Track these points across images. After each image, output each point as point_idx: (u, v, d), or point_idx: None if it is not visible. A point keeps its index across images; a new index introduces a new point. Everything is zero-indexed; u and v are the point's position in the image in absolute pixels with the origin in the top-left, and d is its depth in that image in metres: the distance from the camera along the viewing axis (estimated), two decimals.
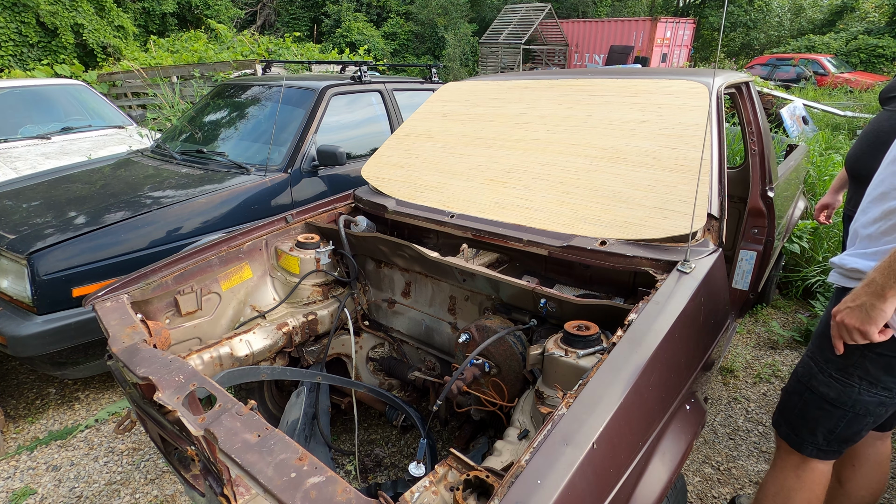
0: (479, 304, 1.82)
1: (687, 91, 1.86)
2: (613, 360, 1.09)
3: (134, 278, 1.67)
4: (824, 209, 2.43)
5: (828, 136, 6.30)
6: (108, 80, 7.91)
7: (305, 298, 2.02)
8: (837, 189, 2.38)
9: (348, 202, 2.31)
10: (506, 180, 1.91)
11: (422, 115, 2.50)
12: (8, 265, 2.24)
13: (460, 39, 17.51)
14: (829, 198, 2.42)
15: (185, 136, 3.45)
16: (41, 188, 2.83)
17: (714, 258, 1.49)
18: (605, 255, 1.52)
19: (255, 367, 1.74)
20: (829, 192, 2.41)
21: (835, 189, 2.39)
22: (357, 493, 0.86)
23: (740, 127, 2.47)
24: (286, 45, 11.61)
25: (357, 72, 3.49)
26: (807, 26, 20.30)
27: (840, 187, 2.36)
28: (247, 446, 0.96)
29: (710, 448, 2.32)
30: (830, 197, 2.41)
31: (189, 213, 2.54)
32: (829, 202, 2.42)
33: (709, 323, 1.44)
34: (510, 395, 1.54)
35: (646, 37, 15.95)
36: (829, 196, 2.41)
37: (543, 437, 0.91)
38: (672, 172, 1.61)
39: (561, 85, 2.22)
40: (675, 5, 21.12)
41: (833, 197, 2.40)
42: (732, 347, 3.09)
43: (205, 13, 14.83)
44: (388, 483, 1.89)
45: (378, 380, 2.22)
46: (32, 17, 10.31)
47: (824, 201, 2.43)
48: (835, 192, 2.39)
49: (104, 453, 2.31)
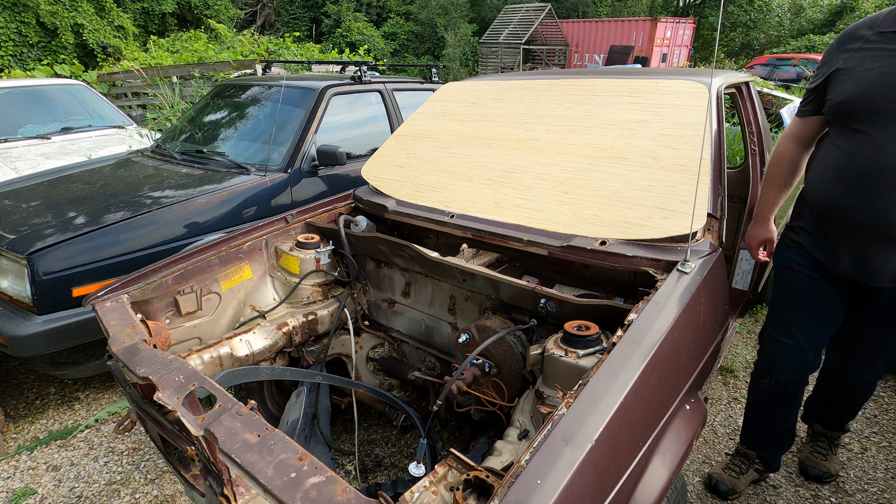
0: (479, 304, 1.82)
1: (687, 91, 1.86)
2: (613, 360, 1.10)
3: (134, 278, 1.67)
4: (762, 244, 1.87)
5: None
6: (108, 80, 7.91)
7: (305, 298, 2.02)
8: (768, 216, 1.82)
9: (348, 202, 2.31)
10: (506, 180, 1.91)
11: (422, 115, 2.50)
12: (8, 265, 2.24)
13: (460, 39, 17.51)
14: (762, 230, 1.84)
15: (185, 136, 3.45)
16: (41, 188, 2.83)
17: (714, 258, 1.49)
18: (605, 255, 1.52)
19: (255, 367, 1.74)
20: (760, 222, 1.84)
21: (765, 218, 1.83)
22: (357, 493, 0.86)
23: (740, 127, 2.47)
24: (286, 45, 11.61)
25: (357, 72, 3.49)
26: (807, 26, 20.29)
27: (770, 212, 1.82)
28: (247, 446, 0.96)
29: (710, 448, 2.32)
30: (764, 229, 1.84)
31: (189, 213, 2.54)
32: (767, 236, 1.84)
33: (709, 323, 1.44)
34: (510, 395, 1.54)
35: (646, 37, 15.95)
36: (763, 228, 1.84)
37: (543, 437, 0.91)
38: (672, 172, 1.61)
39: (561, 85, 2.22)
40: (675, 5, 21.11)
41: (767, 228, 1.84)
42: (732, 347, 3.09)
43: (205, 13, 14.83)
44: (388, 483, 1.89)
45: (378, 380, 2.22)
46: (32, 17, 10.31)
47: (761, 236, 1.85)
48: (766, 222, 1.83)
49: (104, 453, 2.31)
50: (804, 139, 1.68)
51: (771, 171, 1.78)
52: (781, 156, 1.73)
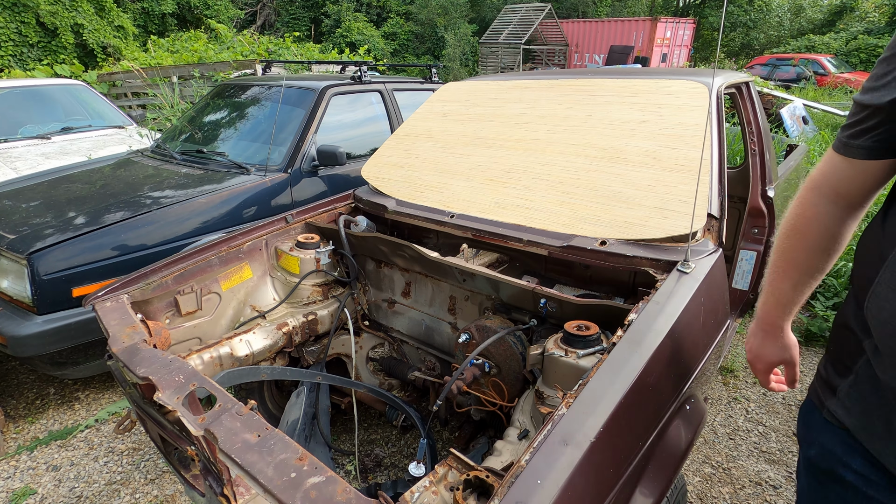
0: (479, 304, 1.82)
1: (687, 91, 1.86)
2: (613, 360, 1.09)
3: (134, 278, 1.67)
4: (774, 367, 1.12)
5: (828, 136, 6.30)
6: (108, 80, 7.91)
7: (305, 298, 2.02)
8: (780, 322, 1.05)
9: (348, 202, 2.31)
10: (506, 180, 1.91)
11: (422, 115, 2.50)
12: (8, 265, 2.24)
13: (460, 39, 17.51)
14: (773, 345, 1.08)
15: (185, 136, 3.45)
16: (41, 188, 2.83)
17: (714, 258, 1.49)
18: (605, 255, 1.52)
19: (255, 367, 1.74)
20: (768, 332, 1.07)
21: (775, 326, 1.06)
22: (357, 493, 0.86)
23: (740, 127, 2.47)
24: (286, 45, 11.61)
25: (357, 72, 3.49)
26: (807, 26, 20.30)
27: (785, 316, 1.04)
28: (247, 446, 0.96)
29: (710, 448, 2.32)
30: (775, 343, 1.08)
31: (189, 213, 2.54)
32: (782, 357, 1.09)
33: (709, 323, 1.44)
34: (510, 395, 1.54)
35: (646, 37, 15.95)
36: (773, 341, 1.08)
37: (543, 437, 0.91)
38: (672, 172, 1.61)
39: (561, 85, 2.22)
40: (675, 5, 21.11)
41: (780, 342, 1.07)
42: (732, 347, 3.09)
43: (204, 13, 14.83)
44: (388, 483, 1.89)
45: (378, 380, 2.22)
46: (32, 17, 10.31)
47: (772, 355, 1.09)
48: (779, 332, 1.06)
49: (104, 453, 2.31)
50: (852, 197, 0.91)
51: (786, 242, 0.99)
52: (808, 220, 0.95)
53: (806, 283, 0.99)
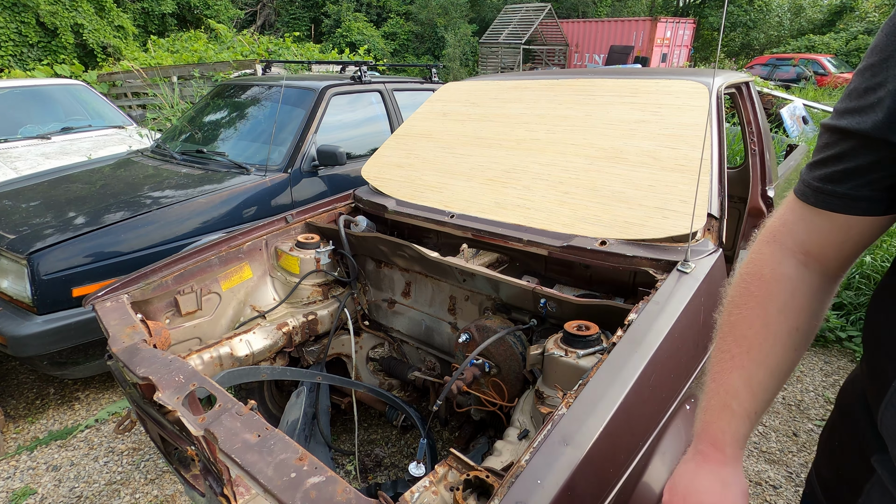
0: (479, 304, 1.82)
1: (687, 91, 1.86)
2: (613, 360, 1.09)
3: (134, 278, 1.67)
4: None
5: None
6: (108, 80, 7.91)
7: (305, 298, 2.01)
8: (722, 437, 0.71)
9: (348, 202, 2.31)
10: (506, 180, 1.91)
11: (422, 115, 2.50)
12: (8, 265, 2.24)
13: (460, 39, 17.51)
14: (713, 489, 0.70)
15: (185, 137, 3.45)
16: (41, 188, 2.83)
17: (714, 258, 1.49)
18: (605, 255, 1.52)
19: (255, 367, 1.74)
20: (708, 453, 0.72)
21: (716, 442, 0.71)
22: (357, 493, 0.86)
23: (740, 127, 2.47)
24: (286, 45, 11.62)
25: (357, 72, 3.49)
26: (807, 26, 20.30)
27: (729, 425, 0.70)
28: (247, 446, 0.96)
29: None
30: (717, 486, 0.70)
31: (189, 213, 2.54)
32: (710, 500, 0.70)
33: (709, 323, 1.44)
34: (510, 395, 1.53)
35: (646, 37, 15.95)
36: (713, 483, 0.70)
37: (543, 437, 0.91)
38: (672, 172, 1.61)
39: (561, 85, 2.22)
40: (675, 5, 21.11)
41: (722, 485, 0.70)
42: None
43: (204, 13, 14.83)
44: (388, 483, 1.89)
45: (378, 380, 2.22)
46: (32, 17, 10.31)
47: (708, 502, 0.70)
48: (721, 457, 0.71)
49: (104, 453, 2.31)
50: (826, 259, 0.69)
51: (736, 313, 0.73)
52: (766, 284, 0.71)
53: (765, 379, 0.67)
